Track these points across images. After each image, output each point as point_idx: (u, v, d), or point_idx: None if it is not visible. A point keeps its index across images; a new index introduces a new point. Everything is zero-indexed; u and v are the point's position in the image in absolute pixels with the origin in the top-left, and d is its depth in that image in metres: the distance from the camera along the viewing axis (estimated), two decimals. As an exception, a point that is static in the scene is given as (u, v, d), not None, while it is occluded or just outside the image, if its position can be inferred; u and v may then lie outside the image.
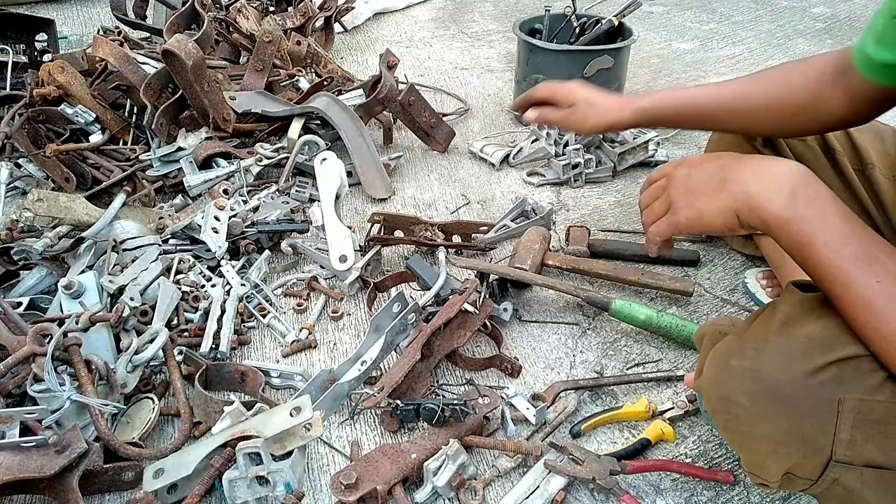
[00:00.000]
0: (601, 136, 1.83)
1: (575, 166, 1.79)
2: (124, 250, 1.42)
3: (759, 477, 0.83)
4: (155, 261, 1.38)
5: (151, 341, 1.18)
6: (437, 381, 1.24)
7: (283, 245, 1.50)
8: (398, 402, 1.12)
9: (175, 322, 1.31)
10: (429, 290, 1.34)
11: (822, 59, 1.06)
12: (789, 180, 0.76)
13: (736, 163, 0.82)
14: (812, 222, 0.75)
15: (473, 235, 1.60)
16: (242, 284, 1.38)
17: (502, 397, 1.17)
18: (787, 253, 0.79)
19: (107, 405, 1.04)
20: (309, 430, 1.01)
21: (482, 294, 1.34)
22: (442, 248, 1.48)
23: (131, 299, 1.25)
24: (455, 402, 1.09)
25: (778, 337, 0.77)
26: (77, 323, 1.17)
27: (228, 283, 1.40)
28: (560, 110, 1.30)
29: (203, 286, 1.38)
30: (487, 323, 1.32)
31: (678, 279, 1.43)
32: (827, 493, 0.78)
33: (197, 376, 1.15)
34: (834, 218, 0.75)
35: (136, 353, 1.16)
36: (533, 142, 1.92)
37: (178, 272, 1.41)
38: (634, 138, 1.87)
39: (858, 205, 1.24)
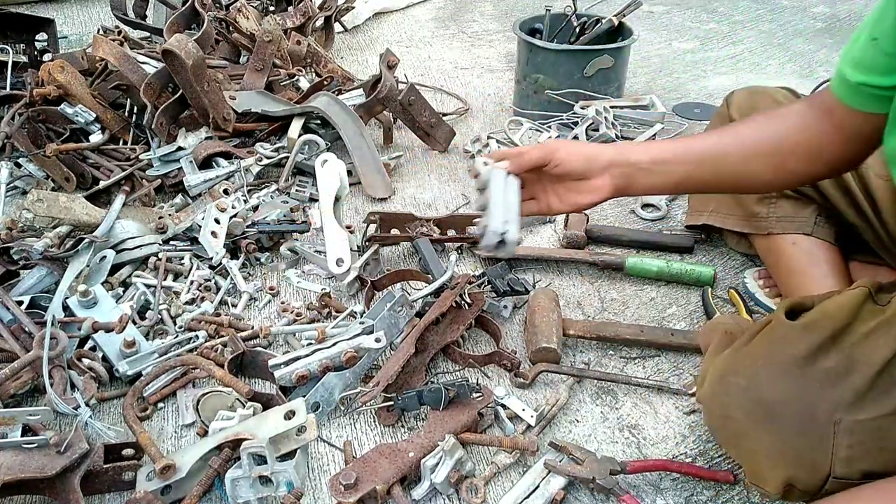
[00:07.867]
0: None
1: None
2: (122, 250, 1.42)
3: (761, 488, 0.87)
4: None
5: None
6: (432, 376, 1.25)
7: (283, 248, 1.51)
8: (396, 394, 1.12)
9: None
10: (428, 272, 1.37)
11: (801, 101, 1.03)
12: None
13: None
14: None
15: (469, 229, 1.59)
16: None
17: (495, 398, 1.16)
18: None
19: (109, 429, 1.05)
20: (302, 433, 1.01)
21: (475, 285, 1.34)
22: (454, 251, 1.51)
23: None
24: (457, 381, 1.10)
25: (768, 359, 0.82)
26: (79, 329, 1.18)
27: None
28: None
29: (207, 281, 1.40)
30: (486, 319, 1.33)
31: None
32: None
33: (229, 360, 1.16)
34: None
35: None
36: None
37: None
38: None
39: (853, 204, 1.25)
